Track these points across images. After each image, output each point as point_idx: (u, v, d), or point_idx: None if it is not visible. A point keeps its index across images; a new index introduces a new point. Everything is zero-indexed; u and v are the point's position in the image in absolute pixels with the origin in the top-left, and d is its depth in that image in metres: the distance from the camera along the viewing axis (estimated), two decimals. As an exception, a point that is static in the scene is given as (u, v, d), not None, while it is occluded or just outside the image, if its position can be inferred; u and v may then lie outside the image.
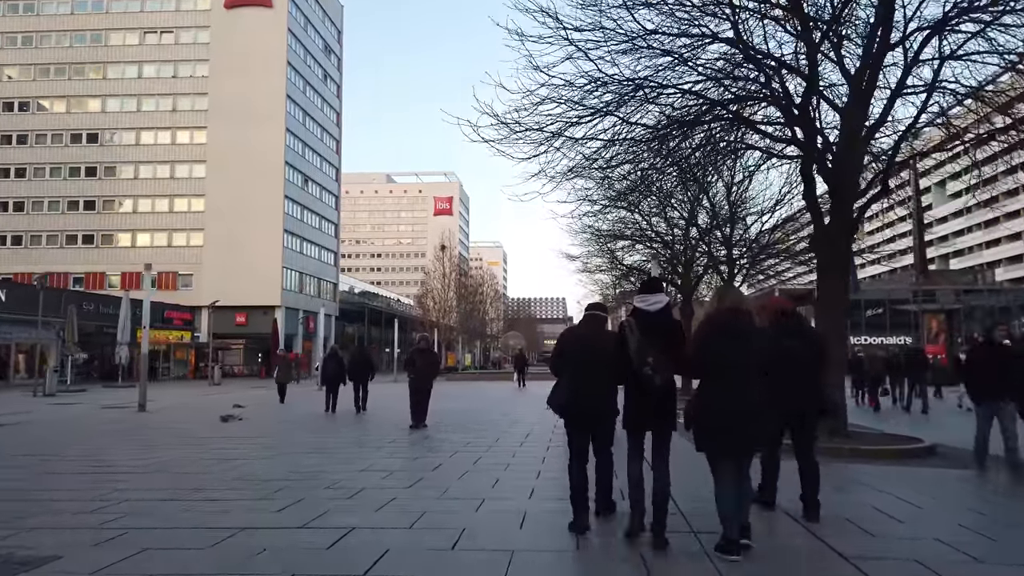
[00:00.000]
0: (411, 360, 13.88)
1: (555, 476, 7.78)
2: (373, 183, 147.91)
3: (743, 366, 4.65)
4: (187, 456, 9.80)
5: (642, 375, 4.78)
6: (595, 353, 5.25)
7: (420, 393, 13.31)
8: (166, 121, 59.47)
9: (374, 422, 15.31)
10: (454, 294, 68.66)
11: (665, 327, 5.00)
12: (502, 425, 13.95)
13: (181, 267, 58.23)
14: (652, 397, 4.88)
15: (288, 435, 12.56)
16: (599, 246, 23.64)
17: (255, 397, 26.00)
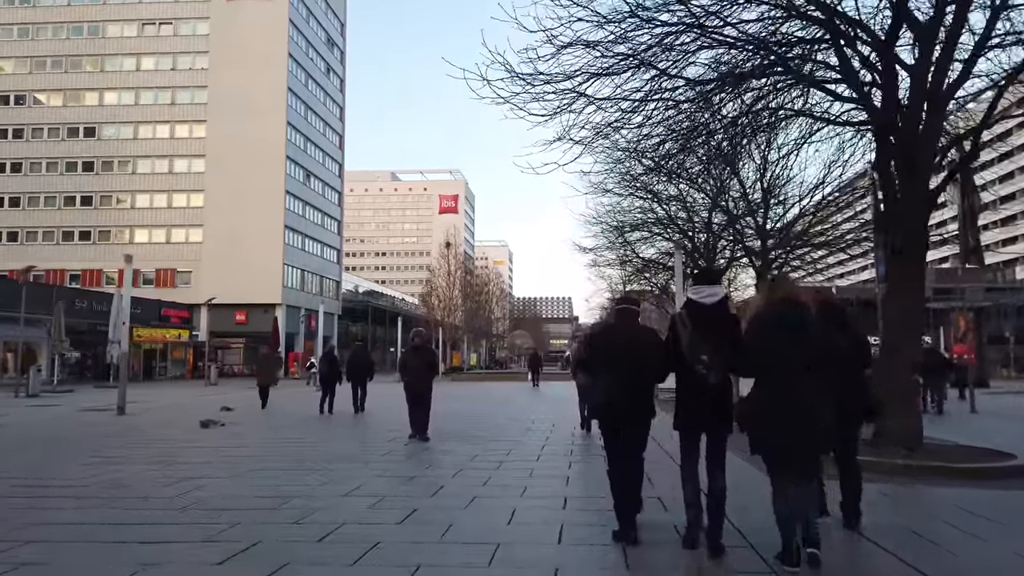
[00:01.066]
0: (404, 361, 11.86)
1: (587, 505, 6.20)
2: (377, 181, 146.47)
3: (801, 362, 4.30)
4: (143, 473, 8.25)
5: (695, 373, 4.50)
6: (629, 350, 4.94)
7: (417, 399, 11.23)
8: (165, 115, 58.11)
9: (370, 427, 13.80)
10: (459, 292, 67.07)
11: (721, 322, 4.63)
12: (513, 432, 12.37)
13: (180, 264, 56.86)
14: (706, 396, 4.56)
15: (270, 445, 11.00)
16: (615, 237, 22.02)
17: (248, 399, 24.39)
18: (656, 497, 6.32)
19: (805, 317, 4.47)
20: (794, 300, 4.53)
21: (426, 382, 11.32)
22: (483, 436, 11.73)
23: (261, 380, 19.24)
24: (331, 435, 12.29)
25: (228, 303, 55.18)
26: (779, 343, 4.34)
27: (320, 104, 66.13)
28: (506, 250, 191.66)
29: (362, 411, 16.70)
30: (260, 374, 19.64)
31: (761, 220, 15.37)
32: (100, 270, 56.62)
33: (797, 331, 4.34)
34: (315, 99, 64.78)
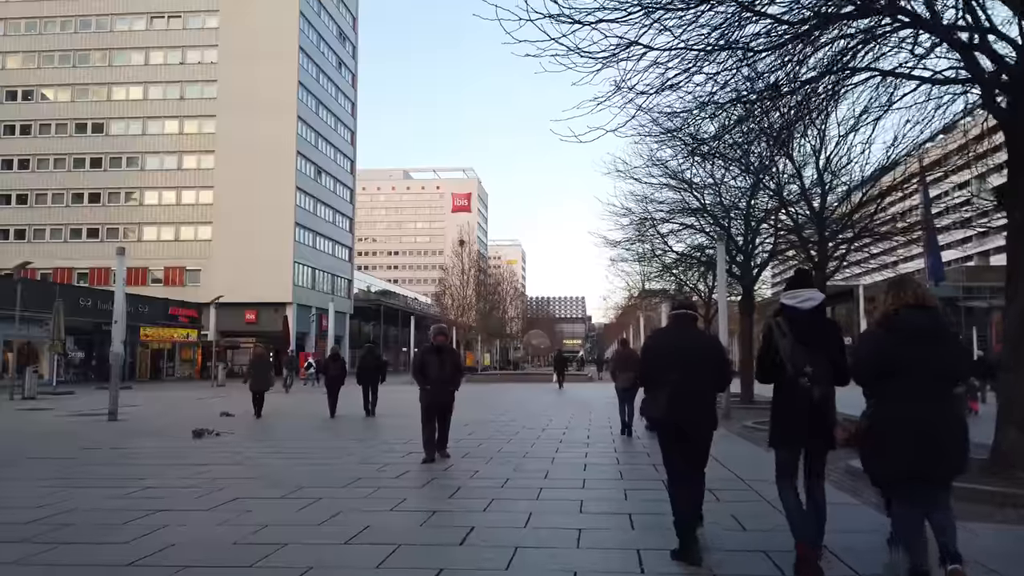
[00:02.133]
0: (422, 363, 9.18)
1: (668, 562, 4.61)
2: (390, 179, 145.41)
3: (939, 372, 3.88)
4: (104, 504, 6.75)
5: (798, 386, 4.17)
6: (692, 357, 4.76)
7: (436, 411, 9.09)
8: (173, 110, 57.04)
9: (382, 438, 12.27)
10: (473, 291, 65.53)
11: (821, 329, 4.41)
12: (546, 446, 10.78)
13: (189, 262, 55.74)
14: (807, 411, 4.22)
15: (265, 462, 9.48)
16: (645, 229, 20.34)
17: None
18: (731, 515, 5.79)
19: (940, 321, 4.02)
20: (927, 302, 4.02)
21: (449, 391, 9.22)
22: (512, 452, 10.15)
23: (254, 385, 16.71)
24: (337, 449, 10.74)
25: (238, 302, 54.02)
26: (914, 351, 3.87)
27: (331, 99, 64.85)
28: (519, 249, 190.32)
29: (372, 415, 16.17)
30: (252, 378, 16.98)
31: (818, 205, 13.61)
32: (108, 268, 55.41)
33: (933, 337, 3.91)
34: (326, 94, 63.49)
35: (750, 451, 10.17)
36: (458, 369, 9.51)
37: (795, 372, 4.16)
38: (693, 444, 4.73)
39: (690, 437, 4.69)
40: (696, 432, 4.71)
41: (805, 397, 4.15)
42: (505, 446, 10.82)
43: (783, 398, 4.36)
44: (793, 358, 4.18)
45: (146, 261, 55.36)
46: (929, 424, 3.79)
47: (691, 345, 4.81)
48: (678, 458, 4.76)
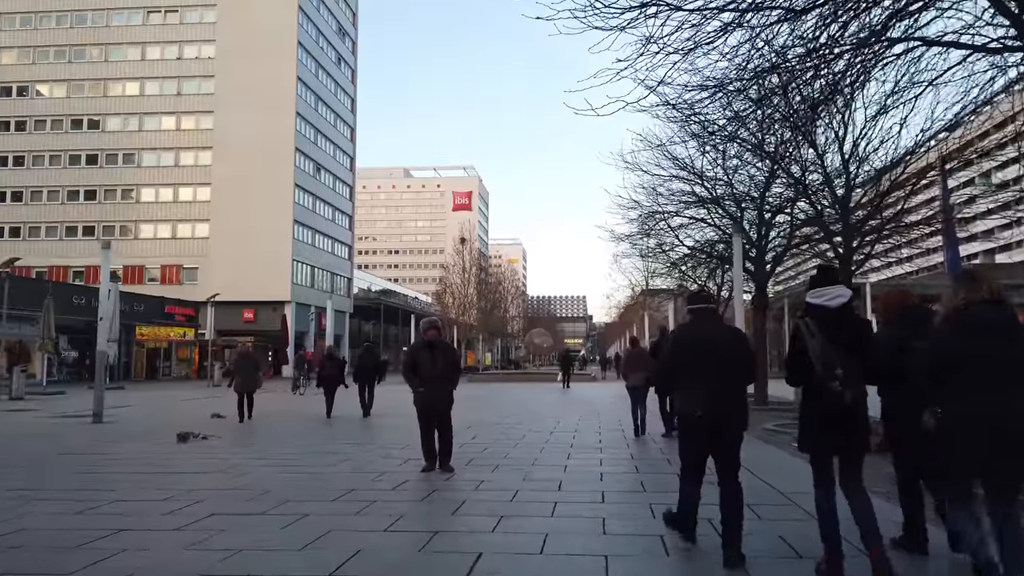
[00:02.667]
0: (413, 361, 8.11)
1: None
2: (391, 178, 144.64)
3: (1009, 368, 3.71)
4: (60, 520, 5.97)
5: (829, 389, 3.97)
6: (723, 351, 4.62)
7: (433, 416, 8.07)
8: (170, 106, 56.25)
9: (378, 442, 11.49)
10: (474, 290, 64.70)
11: (852, 327, 4.17)
12: (556, 452, 9.99)
13: (186, 260, 54.96)
14: (839, 414, 4.02)
15: (250, 471, 8.69)
16: (653, 223, 19.51)
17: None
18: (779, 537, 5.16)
19: (1013, 316, 3.89)
20: (1000, 297, 3.92)
21: (447, 392, 8.09)
22: (520, 459, 9.36)
23: (240, 386, 14.81)
24: (330, 455, 9.95)
25: (235, 300, 53.32)
26: (985, 346, 3.76)
27: (331, 95, 64.05)
28: (520, 248, 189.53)
29: (368, 415, 15.91)
30: (237, 378, 14.98)
31: (842, 192, 12.74)
32: (104, 266, 54.77)
33: (1006, 332, 3.80)
34: (326, 90, 62.70)
35: (779, 457, 9.38)
36: (455, 367, 8.36)
37: (825, 374, 4.00)
38: (726, 444, 4.59)
39: (724, 436, 4.56)
40: (732, 430, 4.58)
41: (836, 400, 3.98)
42: (512, 451, 10.03)
43: (813, 401, 4.19)
44: (823, 359, 4.02)
45: (142, 259, 54.61)
46: (1002, 420, 3.65)
47: (720, 339, 4.71)
48: (699, 454, 4.68)
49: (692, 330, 4.89)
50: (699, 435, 4.62)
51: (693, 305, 4.95)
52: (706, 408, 4.48)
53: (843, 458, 4.22)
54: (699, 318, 4.87)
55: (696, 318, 4.89)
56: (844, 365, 3.97)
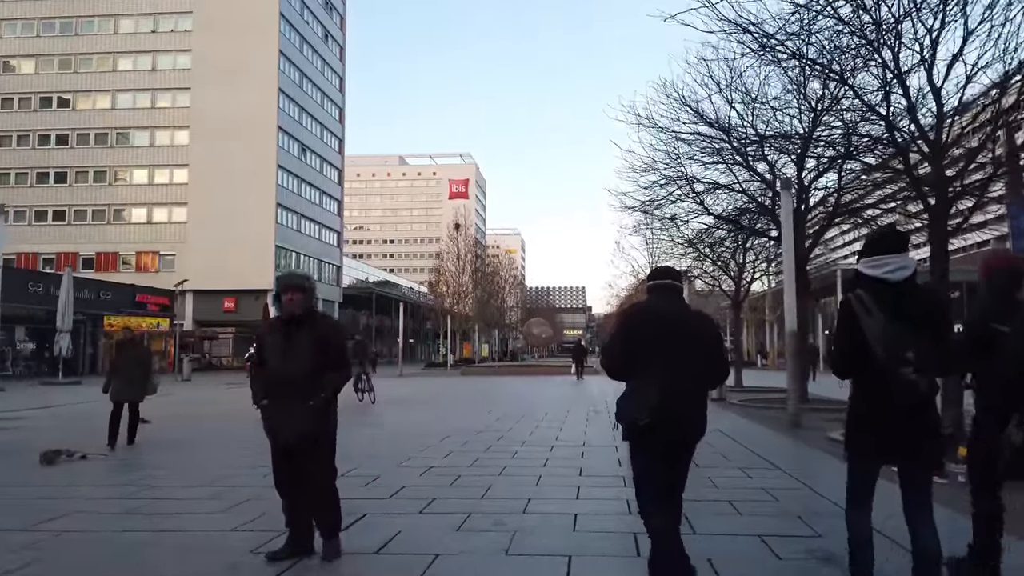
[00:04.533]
0: (259, 354, 4.59)
1: None
2: (385, 165, 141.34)
3: None
4: None
5: (899, 378, 3.16)
6: (684, 339, 3.66)
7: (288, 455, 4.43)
8: (145, 82, 53.06)
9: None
10: (469, 278, 61.62)
11: (922, 304, 3.34)
12: (559, 481, 6.95)
13: (162, 246, 51.89)
14: (904, 411, 3.21)
15: (96, 519, 5.63)
16: (672, 189, 16.34)
17: (198, 402, 19.25)
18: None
19: None
20: None
21: (312, 416, 4.32)
22: (504, 502, 6.31)
23: (117, 392, 9.76)
24: (224, 495, 6.89)
25: (215, 289, 50.51)
26: None
27: (317, 72, 60.77)
28: (519, 239, 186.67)
29: None
30: (113, 381, 9.81)
31: (935, 119, 9.52)
32: (76, 253, 51.75)
33: None
34: (311, 67, 59.42)
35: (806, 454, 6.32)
36: (337, 362, 4.55)
37: (892, 359, 3.16)
38: (680, 456, 3.71)
39: (680, 447, 3.68)
40: (691, 441, 3.72)
41: (909, 391, 3.16)
42: (495, 483, 6.97)
43: (869, 394, 3.33)
44: (889, 341, 3.19)
45: (116, 245, 51.56)
46: None
47: (681, 323, 3.75)
48: (661, 471, 3.62)
49: (649, 311, 3.90)
50: (650, 447, 3.61)
51: (655, 280, 3.98)
52: (657, 411, 3.49)
53: (907, 474, 3.36)
54: (660, 297, 3.90)
55: (656, 297, 3.91)
56: (917, 347, 3.18)
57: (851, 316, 3.34)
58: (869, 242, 3.55)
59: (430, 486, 6.68)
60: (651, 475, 3.64)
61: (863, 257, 3.47)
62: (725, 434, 10.51)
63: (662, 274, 4.01)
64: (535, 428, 11.52)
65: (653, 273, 4.08)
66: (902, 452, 3.30)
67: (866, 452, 3.36)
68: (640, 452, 3.67)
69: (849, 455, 3.46)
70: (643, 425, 3.49)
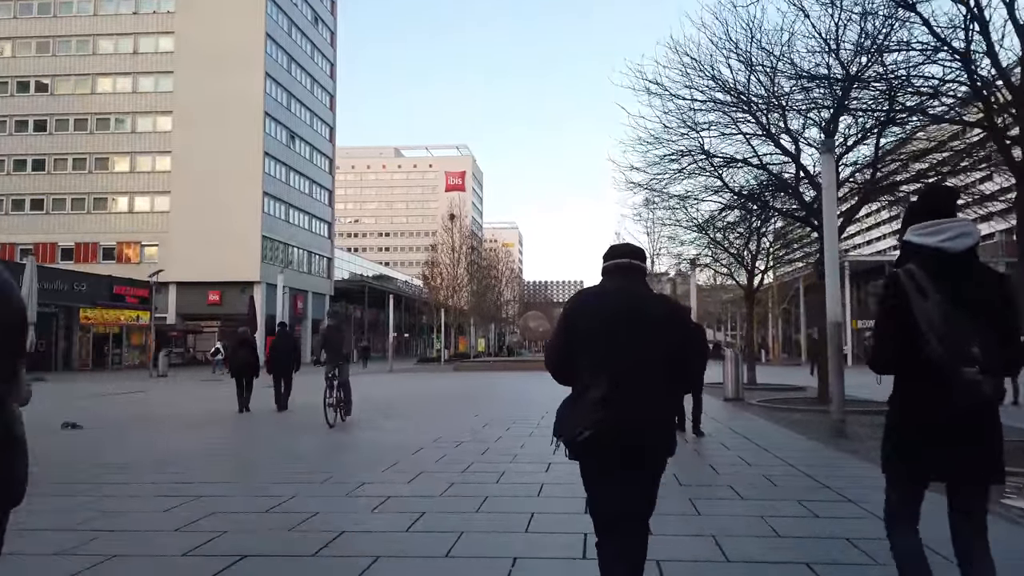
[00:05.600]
0: None
1: None
2: (380, 157, 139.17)
3: None
4: None
5: (959, 378, 2.50)
6: (643, 332, 2.79)
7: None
8: (126, 65, 51.02)
9: (261, 476, 6.51)
10: (465, 270, 59.66)
11: (988, 284, 2.68)
12: (558, 508, 5.09)
13: (144, 236, 49.94)
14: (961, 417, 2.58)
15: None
16: (687, 163, 14.40)
17: (151, 404, 17.41)
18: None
19: None
20: None
21: None
22: (485, 538, 4.46)
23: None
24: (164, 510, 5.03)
25: (199, 281, 48.70)
26: None
27: (306, 57, 58.69)
28: (516, 232, 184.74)
29: (285, 408, 13.79)
30: None
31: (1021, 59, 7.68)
32: (55, 243, 49.80)
33: None
34: (300, 51, 57.35)
35: (872, 477, 4.53)
36: None
37: (954, 354, 2.49)
38: (640, 476, 2.80)
39: (639, 464, 2.77)
40: (650, 456, 2.80)
41: (971, 395, 2.50)
42: (472, 520, 5.11)
43: (921, 397, 2.66)
44: (949, 332, 2.52)
45: (95, 235, 49.59)
46: None
47: (637, 312, 2.83)
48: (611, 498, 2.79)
49: (597, 297, 2.95)
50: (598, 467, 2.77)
51: (610, 260, 3.00)
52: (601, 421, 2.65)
53: (961, 495, 2.74)
54: (615, 280, 2.95)
55: (609, 280, 2.97)
56: (982, 340, 2.52)
57: (900, 297, 2.70)
58: (920, 199, 2.91)
59: (381, 533, 4.83)
60: (599, 495, 2.85)
61: (912, 222, 2.83)
62: (759, 445, 8.68)
63: (619, 252, 3.07)
64: (528, 437, 9.67)
65: (608, 251, 3.12)
66: (958, 470, 2.70)
67: (914, 470, 2.76)
68: (589, 469, 2.85)
69: (891, 474, 2.84)
70: (583, 440, 2.69)
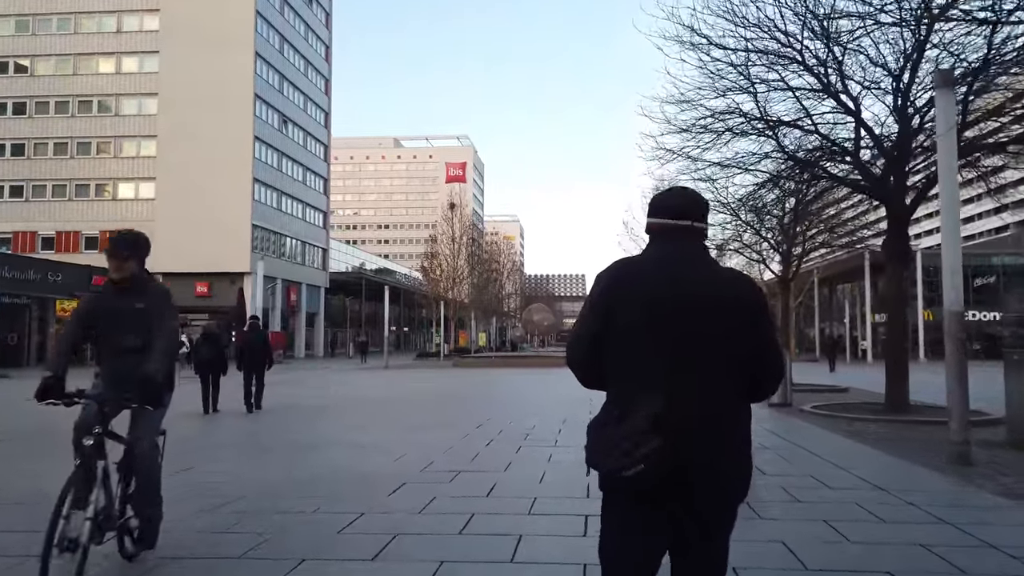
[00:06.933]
0: None
1: None
2: (379, 147, 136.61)
3: None
4: None
5: None
6: (706, 324, 1.98)
7: None
8: (109, 45, 48.59)
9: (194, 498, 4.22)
10: (465, 261, 57.31)
11: None
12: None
13: (129, 224, 47.27)
14: None
15: None
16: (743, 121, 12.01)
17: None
18: None
19: None
20: None
21: None
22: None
23: None
24: None
25: (186, 271, 46.24)
26: None
27: (299, 38, 56.21)
28: (517, 225, 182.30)
29: (258, 409, 12.91)
30: None
31: None
32: (35, 232, 47.51)
33: None
34: (293, 31, 54.86)
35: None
36: None
37: None
38: (704, 521, 1.98)
39: (701, 506, 1.96)
40: (716, 495, 1.97)
41: None
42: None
43: None
44: None
45: (77, 223, 47.31)
46: None
47: (702, 295, 1.99)
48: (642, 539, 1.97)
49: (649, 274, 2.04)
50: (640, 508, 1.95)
51: (657, 217, 2.11)
52: (658, 452, 1.85)
53: None
54: (664, 248, 2.08)
55: (657, 248, 2.10)
56: None
57: None
58: None
59: None
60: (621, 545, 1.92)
61: None
62: (862, 478, 6.33)
63: (669, 205, 2.06)
64: (513, 457, 7.34)
65: (655, 203, 2.09)
66: None
67: None
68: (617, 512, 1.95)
69: None
70: (632, 476, 1.83)
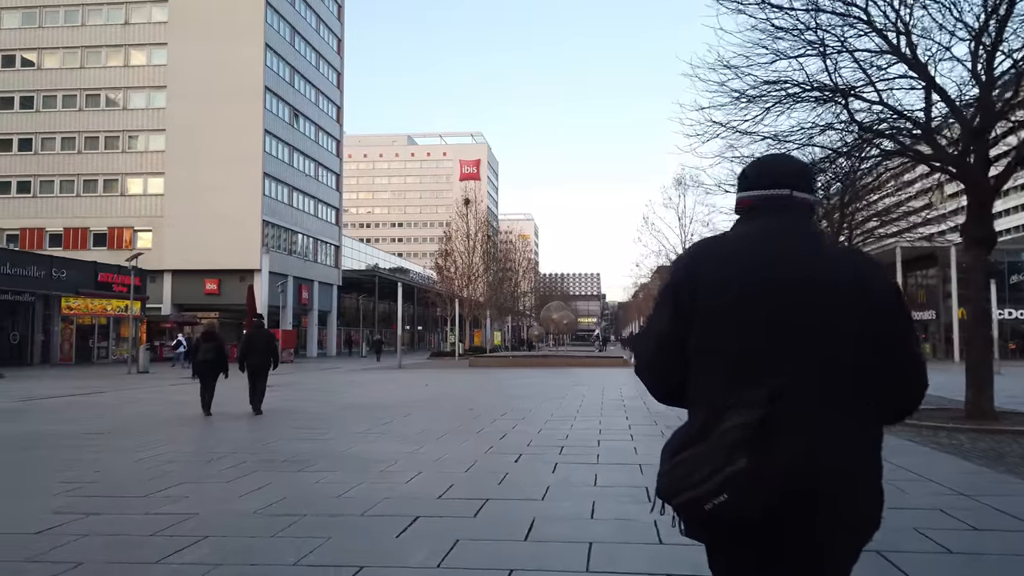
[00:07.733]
0: None
1: None
2: (393, 145, 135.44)
3: None
4: None
5: None
6: (814, 313, 1.53)
7: None
8: (117, 37, 47.58)
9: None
10: (480, 259, 55.78)
11: None
12: None
13: (137, 221, 46.56)
14: None
15: None
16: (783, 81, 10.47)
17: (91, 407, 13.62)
18: None
19: None
20: None
21: None
22: None
23: None
24: None
25: (196, 269, 45.35)
26: None
27: (311, 30, 54.98)
28: (532, 224, 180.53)
29: (259, 413, 12.06)
30: None
31: None
32: (42, 229, 46.58)
33: None
34: (304, 23, 53.63)
35: None
36: None
37: None
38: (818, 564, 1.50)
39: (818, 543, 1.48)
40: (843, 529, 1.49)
41: None
42: None
43: None
44: None
45: (84, 220, 46.32)
46: None
47: (814, 281, 1.56)
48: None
49: (743, 253, 1.62)
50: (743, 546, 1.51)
51: (752, 190, 1.71)
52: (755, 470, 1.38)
53: None
54: (760, 224, 1.66)
55: (751, 225, 1.68)
56: None
57: None
58: None
59: None
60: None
61: None
62: (997, 509, 4.77)
63: (761, 175, 1.69)
64: (550, 479, 5.83)
65: (747, 172, 1.72)
66: None
67: None
68: (720, 563, 1.57)
69: None
70: (716, 508, 1.41)
